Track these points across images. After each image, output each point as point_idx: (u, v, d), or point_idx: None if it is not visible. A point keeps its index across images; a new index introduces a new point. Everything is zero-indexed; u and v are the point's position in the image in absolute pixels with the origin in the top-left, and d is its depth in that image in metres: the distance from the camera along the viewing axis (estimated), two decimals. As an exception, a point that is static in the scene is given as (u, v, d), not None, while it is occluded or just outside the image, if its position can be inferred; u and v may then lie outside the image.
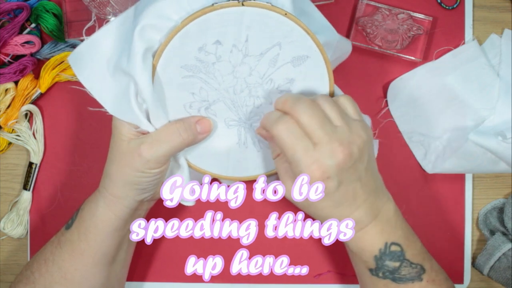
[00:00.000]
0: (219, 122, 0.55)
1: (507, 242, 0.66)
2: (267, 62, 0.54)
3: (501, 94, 0.65)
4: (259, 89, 0.55)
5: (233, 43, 0.53)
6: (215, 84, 0.54)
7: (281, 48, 0.53)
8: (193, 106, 0.54)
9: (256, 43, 0.53)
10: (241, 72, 0.54)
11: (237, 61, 0.54)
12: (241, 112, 0.56)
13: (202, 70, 0.54)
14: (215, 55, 0.53)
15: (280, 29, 0.52)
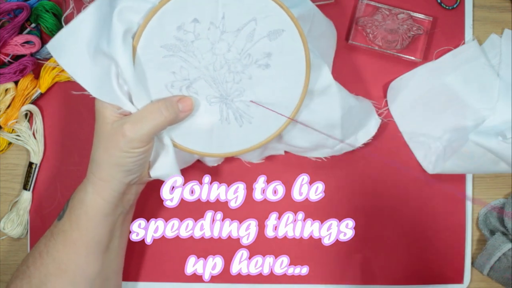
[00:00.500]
0: (201, 100, 0.56)
1: (507, 242, 0.66)
2: (244, 38, 0.55)
3: (501, 94, 0.65)
4: (238, 65, 0.56)
5: (210, 21, 0.54)
6: (195, 62, 0.55)
7: (257, 23, 0.55)
8: (175, 85, 0.55)
9: (232, 19, 0.54)
10: (220, 49, 0.55)
11: (215, 38, 0.55)
12: (222, 88, 0.56)
13: (181, 49, 0.55)
14: (194, 33, 0.54)
15: (255, 5, 0.54)
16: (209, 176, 0.57)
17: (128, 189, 0.57)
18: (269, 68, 0.56)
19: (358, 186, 0.68)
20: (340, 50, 0.68)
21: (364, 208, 0.68)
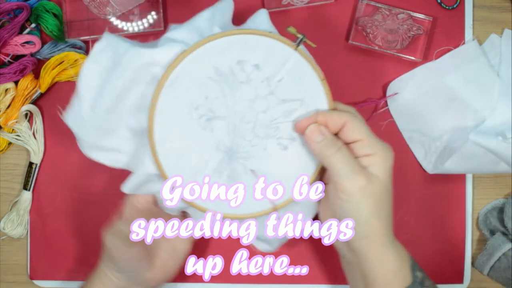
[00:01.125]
0: (212, 140, 0.54)
1: (507, 242, 0.66)
2: (283, 110, 0.54)
3: (501, 94, 0.65)
4: (263, 130, 0.54)
5: (268, 76, 0.53)
6: (230, 101, 0.53)
7: (301, 105, 0.54)
8: (199, 110, 0.53)
9: (285, 88, 0.53)
10: (259, 105, 0.54)
11: (262, 93, 0.53)
12: (236, 142, 0.54)
13: (228, 82, 0.53)
14: (247, 76, 0.53)
15: (310, 89, 0.54)
16: (209, 176, 0.57)
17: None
18: (286, 150, 0.55)
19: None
20: (340, 50, 0.68)
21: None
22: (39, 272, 0.68)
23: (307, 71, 0.53)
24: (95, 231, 0.68)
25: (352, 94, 0.68)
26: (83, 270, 0.68)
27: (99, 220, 0.68)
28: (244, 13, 0.61)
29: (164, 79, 0.51)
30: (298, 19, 0.67)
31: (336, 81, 0.68)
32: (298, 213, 0.51)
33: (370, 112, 0.68)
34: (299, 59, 0.53)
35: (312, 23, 0.68)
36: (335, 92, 0.67)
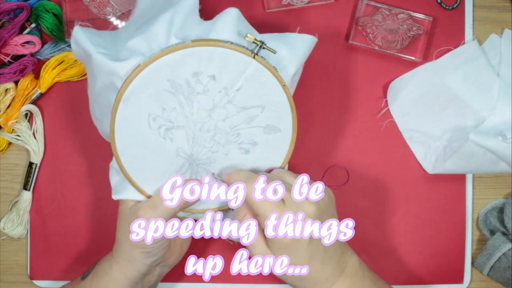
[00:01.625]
0: (171, 148, 0.56)
1: (507, 242, 0.66)
2: (244, 117, 0.55)
3: (501, 94, 0.65)
4: (223, 137, 0.56)
5: (225, 85, 0.54)
6: (188, 112, 0.54)
7: (262, 111, 0.55)
8: (157, 120, 0.54)
9: (245, 96, 0.54)
10: (218, 115, 0.55)
11: (220, 103, 0.54)
12: (196, 149, 0.56)
13: (184, 94, 0.53)
14: (204, 87, 0.53)
15: (271, 95, 0.54)
16: (209, 176, 0.57)
17: (151, 270, 0.59)
18: (248, 154, 0.56)
19: (357, 186, 0.68)
20: (340, 50, 0.68)
21: (363, 208, 0.68)
22: (39, 272, 0.68)
23: (267, 78, 0.53)
24: (95, 231, 0.68)
25: (352, 94, 0.68)
26: (83, 270, 0.68)
27: (99, 220, 0.68)
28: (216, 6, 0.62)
29: (121, 92, 0.53)
30: (298, 19, 0.67)
31: (336, 81, 0.68)
32: (298, 213, 0.51)
33: (370, 113, 0.68)
34: (258, 67, 0.53)
35: (312, 23, 0.68)
36: (335, 92, 0.68)
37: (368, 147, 0.68)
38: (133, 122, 0.54)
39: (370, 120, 0.68)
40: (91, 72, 0.56)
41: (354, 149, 0.68)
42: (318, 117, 0.67)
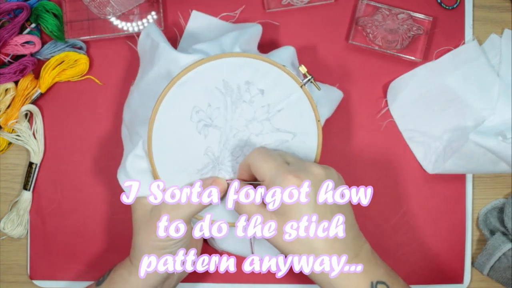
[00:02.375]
0: (202, 145, 0.57)
1: (507, 242, 0.66)
2: (275, 139, 0.57)
3: (501, 94, 0.65)
4: None
5: (269, 103, 0.56)
6: (229, 116, 0.56)
7: (293, 138, 0.57)
8: (199, 114, 0.56)
9: (283, 119, 0.57)
10: (254, 128, 0.57)
11: (260, 117, 0.57)
12: (223, 154, 0.57)
13: (232, 97, 0.56)
14: (251, 97, 0.56)
15: (305, 126, 0.57)
16: (200, 181, 0.57)
17: (171, 274, 0.59)
18: None
19: (357, 186, 0.68)
20: (340, 50, 0.68)
21: (363, 208, 0.68)
22: (39, 272, 0.68)
23: (307, 109, 0.57)
24: (95, 231, 0.68)
25: (352, 94, 0.68)
26: (83, 269, 0.68)
27: (99, 220, 0.68)
28: (273, 44, 0.66)
29: (177, 77, 0.55)
30: (298, 19, 0.67)
31: (336, 81, 0.68)
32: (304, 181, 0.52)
33: (370, 113, 0.68)
34: (302, 96, 0.57)
35: (312, 23, 0.68)
36: (335, 92, 0.68)
37: (368, 147, 0.68)
38: (178, 108, 0.56)
39: (370, 120, 0.68)
40: (150, 61, 0.58)
41: (353, 149, 0.68)
42: (318, 117, 0.67)
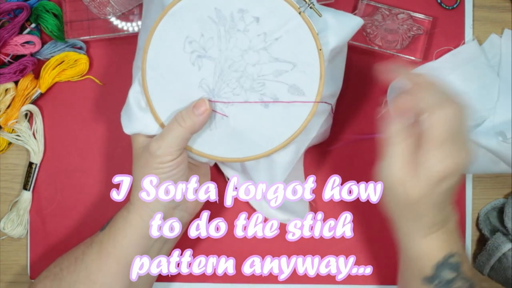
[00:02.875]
0: (197, 77, 0.55)
1: (507, 242, 0.66)
2: (273, 69, 0.54)
3: (501, 94, 0.65)
4: (248, 82, 0.55)
5: (266, 31, 0.54)
6: (223, 46, 0.54)
7: (293, 69, 0.54)
8: (192, 44, 0.55)
9: (281, 48, 0.54)
10: (250, 57, 0.54)
11: (256, 46, 0.54)
12: (219, 86, 0.55)
13: (225, 26, 0.54)
14: (245, 26, 0.54)
15: (305, 56, 0.54)
16: (197, 176, 0.56)
17: (170, 214, 0.57)
18: (267, 108, 0.55)
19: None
20: (340, 50, 0.68)
21: (363, 208, 0.68)
22: (39, 272, 0.68)
23: (307, 37, 0.54)
24: (95, 231, 0.68)
25: (352, 94, 0.68)
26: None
27: (99, 220, 0.68)
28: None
29: (169, 6, 0.54)
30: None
31: (336, 81, 0.68)
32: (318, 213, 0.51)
33: (371, 114, 0.68)
34: (301, 23, 0.53)
35: (312, 23, 0.68)
36: (335, 92, 0.68)
37: (368, 147, 0.68)
38: (170, 39, 0.54)
39: (370, 120, 0.68)
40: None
41: (354, 149, 0.68)
42: (318, 117, 0.67)
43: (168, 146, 0.53)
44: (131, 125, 0.57)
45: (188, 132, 0.54)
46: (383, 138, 0.51)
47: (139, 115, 0.56)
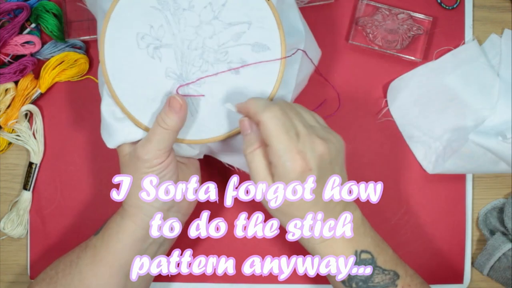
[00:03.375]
0: (160, 68, 0.55)
1: (507, 242, 0.66)
2: (231, 34, 0.54)
3: (501, 94, 0.65)
4: (212, 55, 0.55)
5: (210, 1, 0.53)
6: (175, 29, 0.54)
7: (249, 28, 0.54)
8: (145, 39, 0.54)
9: (231, 11, 0.54)
10: (204, 31, 0.54)
11: (206, 18, 0.54)
12: (185, 69, 0.55)
13: (170, 10, 0.54)
14: (189, 3, 0.53)
15: (257, 11, 0.54)
16: (197, 176, 0.56)
17: (164, 216, 0.57)
18: (238, 74, 0.55)
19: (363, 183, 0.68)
20: (340, 50, 0.68)
21: (363, 208, 0.68)
22: (39, 272, 0.68)
23: None
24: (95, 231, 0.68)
25: (352, 94, 0.68)
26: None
27: (99, 220, 0.68)
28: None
29: (110, 11, 0.53)
30: (298, 19, 0.67)
31: (336, 81, 0.68)
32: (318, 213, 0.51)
33: (370, 113, 0.68)
34: None
35: (312, 23, 0.67)
36: (335, 92, 0.68)
37: (368, 147, 0.68)
38: (122, 42, 0.54)
39: (370, 120, 0.68)
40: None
41: (354, 149, 0.68)
42: (318, 117, 0.67)
43: (156, 149, 0.53)
44: (113, 139, 0.56)
45: (172, 132, 0.53)
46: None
47: (118, 127, 0.56)
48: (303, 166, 0.49)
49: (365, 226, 0.55)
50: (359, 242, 0.53)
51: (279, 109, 0.50)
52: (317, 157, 0.49)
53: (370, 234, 0.55)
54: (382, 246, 0.55)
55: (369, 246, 0.54)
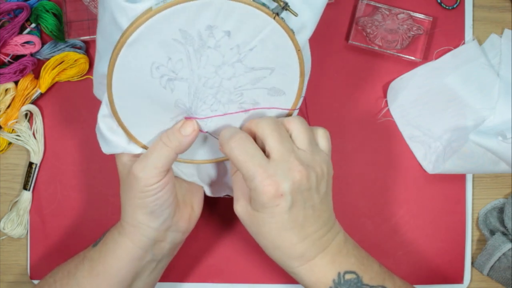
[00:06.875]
0: (171, 98, 0.52)
1: (507, 242, 0.66)
2: (250, 78, 0.52)
3: (501, 94, 0.65)
4: (226, 97, 0.53)
5: (239, 44, 0.50)
6: (195, 65, 0.51)
7: (271, 74, 0.52)
8: (160, 69, 0.51)
9: (256, 56, 0.51)
10: (224, 72, 0.52)
11: (230, 60, 0.51)
12: (195, 104, 0.53)
13: (194, 46, 0.50)
14: (216, 42, 0.50)
15: (284, 59, 0.52)
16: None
17: (161, 236, 0.56)
18: (247, 113, 0.54)
19: (357, 186, 0.68)
20: (340, 50, 0.68)
21: (363, 208, 0.68)
22: (39, 272, 0.68)
23: (283, 41, 0.51)
24: (95, 231, 0.68)
25: (352, 94, 0.68)
26: (83, 270, 0.68)
27: (99, 220, 0.68)
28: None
29: (126, 36, 0.49)
30: (298, 19, 0.67)
31: (336, 81, 0.68)
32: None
33: (370, 113, 0.68)
34: (277, 28, 0.50)
35: (312, 23, 0.68)
36: (335, 92, 0.68)
37: (368, 147, 0.68)
38: (135, 69, 0.50)
39: (370, 120, 0.68)
40: (102, 1, 0.51)
41: (354, 149, 0.68)
42: (317, 117, 0.67)
43: (152, 167, 0.51)
44: (109, 148, 0.55)
45: (173, 152, 0.52)
46: None
47: (113, 139, 0.54)
48: (273, 190, 0.48)
49: (347, 247, 0.53)
50: (342, 264, 0.52)
51: (240, 137, 0.50)
52: (291, 183, 0.49)
53: (353, 253, 0.53)
54: (367, 263, 0.54)
55: (353, 265, 0.52)
